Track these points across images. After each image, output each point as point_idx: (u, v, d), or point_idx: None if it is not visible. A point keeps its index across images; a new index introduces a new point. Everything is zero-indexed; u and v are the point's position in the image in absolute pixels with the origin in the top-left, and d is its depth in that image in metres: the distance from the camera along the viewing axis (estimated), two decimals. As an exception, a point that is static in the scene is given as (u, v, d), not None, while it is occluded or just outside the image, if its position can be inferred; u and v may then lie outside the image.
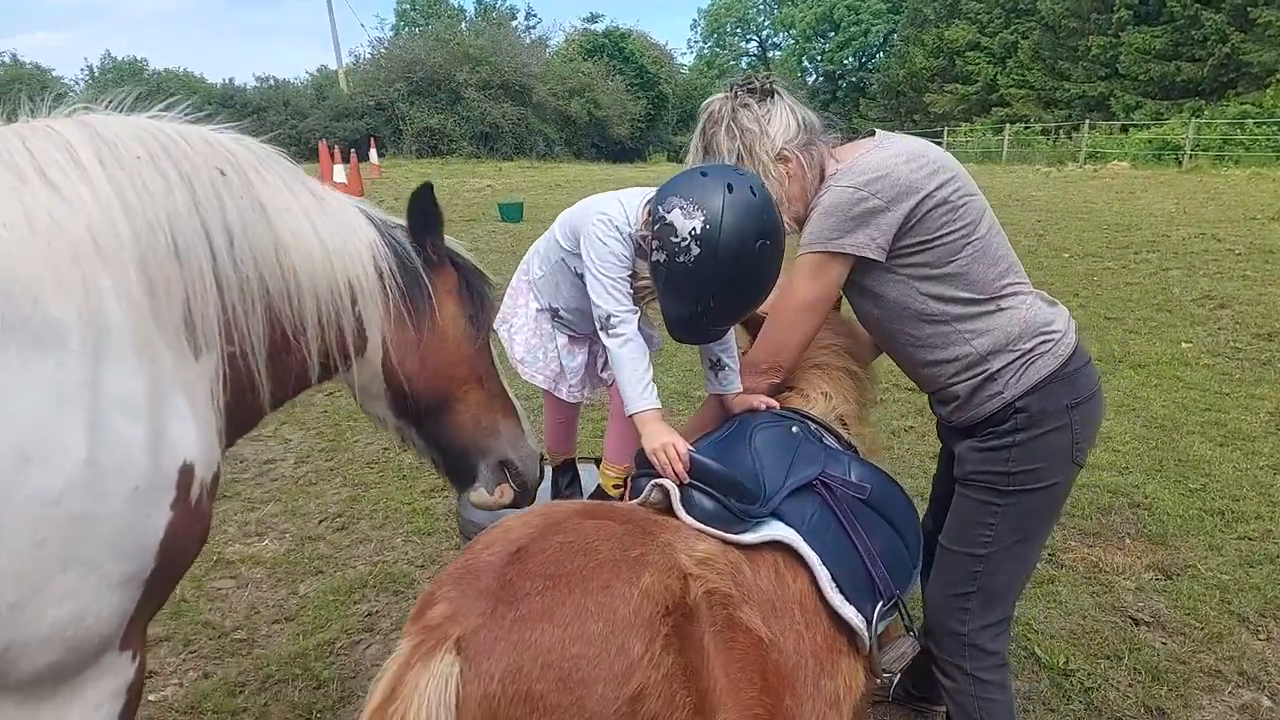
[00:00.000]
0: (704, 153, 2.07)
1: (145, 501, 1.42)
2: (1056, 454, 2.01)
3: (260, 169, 1.72)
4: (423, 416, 2.06)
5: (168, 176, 1.53)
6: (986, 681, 2.13)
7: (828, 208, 1.95)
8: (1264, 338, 6.88)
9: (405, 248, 1.96)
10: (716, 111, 2.05)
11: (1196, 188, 18.52)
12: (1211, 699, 2.84)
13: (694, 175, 1.84)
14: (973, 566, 2.08)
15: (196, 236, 1.54)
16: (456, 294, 2.07)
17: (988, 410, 2.00)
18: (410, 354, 1.96)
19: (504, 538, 1.46)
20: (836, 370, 2.21)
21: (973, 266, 1.97)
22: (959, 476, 2.11)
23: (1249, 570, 3.56)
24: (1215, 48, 28.20)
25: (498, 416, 2.14)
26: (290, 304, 1.71)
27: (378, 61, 38.83)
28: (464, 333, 2.06)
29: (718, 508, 1.66)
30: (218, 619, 3.37)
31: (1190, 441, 4.88)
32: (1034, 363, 1.98)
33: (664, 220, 1.80)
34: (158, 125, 1.62)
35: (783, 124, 2.01)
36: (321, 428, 5.39)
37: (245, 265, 1.62)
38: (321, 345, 1.82)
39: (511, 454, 2.16)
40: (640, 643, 1.33)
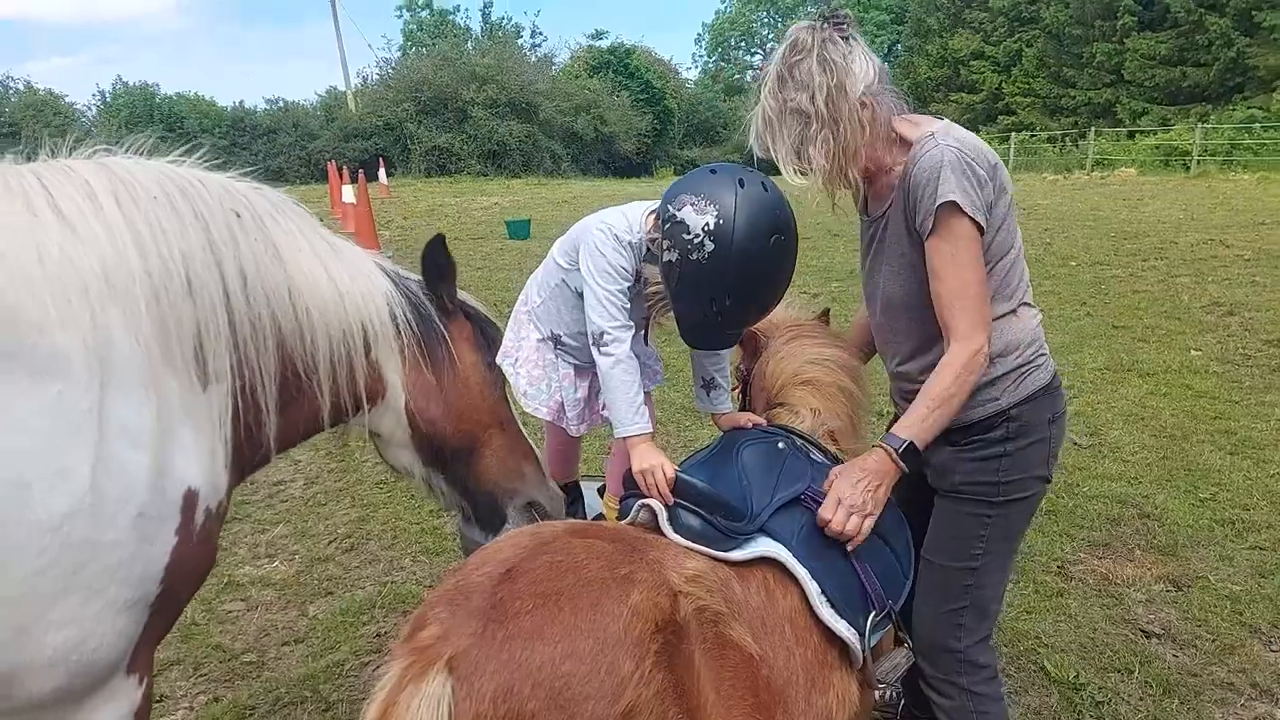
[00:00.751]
0: (780, 83, 1.88)
1: (148, 528, 1.45)
2: (1036, 465, 2.03)
3: (275, 214, 1.79)
4: (450, 462, 2.13)
5: (183, 217, 1.59)
6: (983, 695, 2.11)
7: (949, 162, 1.81)
8: (1274, 344, 6.84)
9: (420, 297, 2.04)
10: (803, 41, 1.86)
11: (1204, 193, 18.44)
12: (1224, 712, 2.82)
13: (703, 173, 1.85)
14: (965, 580, 2.05)
15: (210, 275, 1.60)
16: (473, 342, 2.15)
17: (978, 415, 1.99)
18: (434, 399, 2.03)
19: (495, 558, 1.47)
20: (828, 386, 2.22)
21: (1011, 270, 1.98)
22: (944, 489, 2.08)
23: (1261, 581, 3.53)
24: (1220, 52, 28.14)
25: (521, 459, 2.23)
26: (302, 343, 1.77)
27: (385, 82, 39.20)
28: (484, 379, 2.15)
29: (704, 526, 1.68)
30: (228, 642, 3.38)
31: (1200, 450, 4.85)
32: (1031, 374, 2.00)
33: (675, 218, 1.79)
34: (175, 169, 1.69)
35: (863, 67, 1.85)
36: (331, 449, 5.39)
37: (258, 304, 1.68)
38: (333, 385, 1.86)
39: (538, 495, 2.25)
40: (631, 660, 1.34)
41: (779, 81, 1.88)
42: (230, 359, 1.63)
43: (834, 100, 1.81)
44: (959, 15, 39.96)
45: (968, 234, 1.82)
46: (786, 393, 2.22)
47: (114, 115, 32.73)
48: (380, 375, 1.97)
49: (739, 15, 65.53)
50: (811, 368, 2.24)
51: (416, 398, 2.02)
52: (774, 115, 1.89)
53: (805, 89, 1.83)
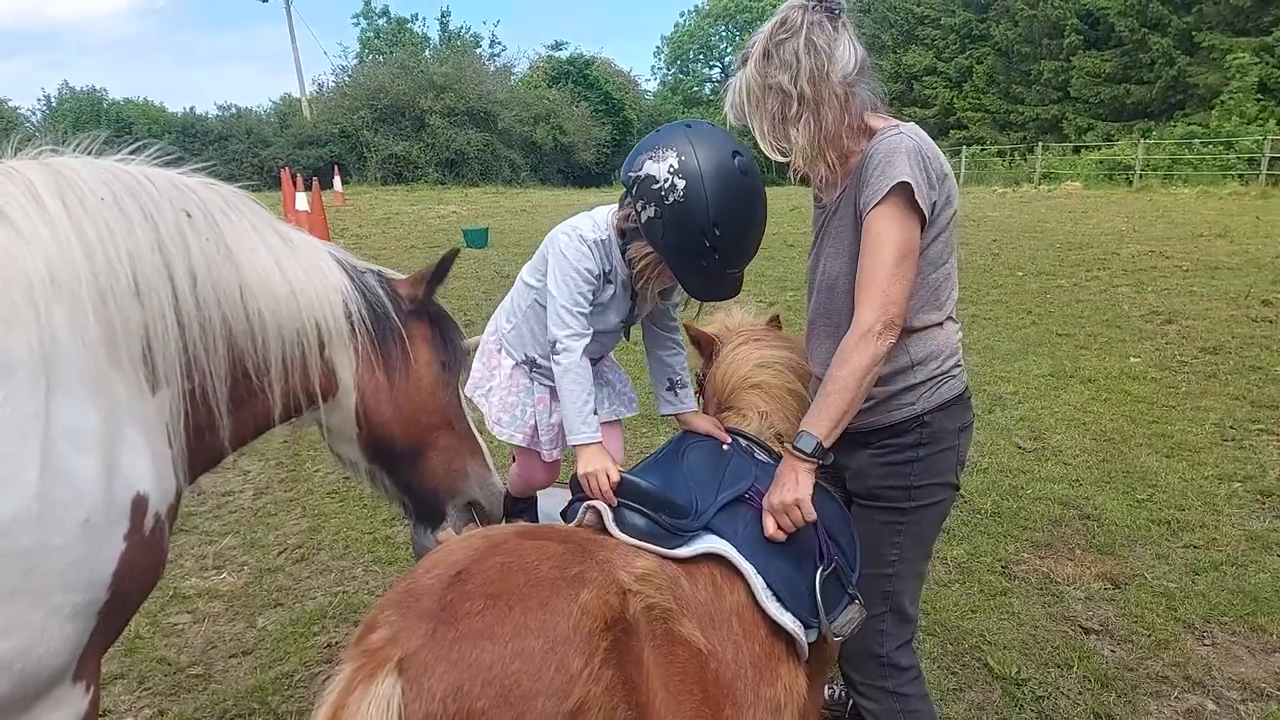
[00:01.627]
0: (765, 57, 1.89)
1: (96, 533, 1.43)
2: (946, 472, 2.09)
3: (228, 211, 1.76)
4: (396, 461, 2.10)
5: (131, 217, 1.57)
6: (909, 695, 2.15)
7: (907, 149, 1.84)
8: (1209, 351, 7.09)
9: (378, 294, 2.00)
10: (793, 20, 1.87)
11: (1146, 206, 19.04)
12: (1159, 704, 2.91)
13: (649, 136, 1.90)
14: (884, 586, 2.09)
15: (158, 276, 1.57)
16: (430, 341, 2.12)
17: (893, 419, 2.04)
18: (384, 400, 2.00)
19: (445, 560, 1.48)
20: (776, 389, 2.25)
21: (944, 283, 2.03)
22: (859, 493, 2.13)
23: (1194, 578, 3.66)
24: (1163, 70, 29.11)
25: (466, 458, 2.20)
26: (253, 343, 1.75)
27: (341, 89, 38.81)
28: (437, 379, 2.11)
29: (650, 525, 1.70)
30: (173, 655, 3.32)
31: (1138, 453, 5.01)
32: (946, 384, 2.06)
33: (640, 177, 1.82)
34: (124, 168, 1.66)
35: (847, 55, 1.87)
36: (281, 458, 5.34)
37: (208, 305, 1.65)
38: (285, 386, 1.84)
39: (479, 494, 2.22)
40: (580, 658, 1.36)
41: (764, 57, 1.89)
42: (179, 361, 1.61)
43: (816, 83, 1.84)
44: (912, 32, 40.81)
45: (906, 217, 1.84)
46: (735, 396, 2.26)
47: (59, 121, 31.97)
48: (333, 373, 1.95)
49: (698, 28, 66.09)
50: (760, 371, 2.27)
51: (367, 397, 1.99)
52: (757, 89, 1.91)
53: (788, 69, 1.85)
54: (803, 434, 1.89)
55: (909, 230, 1.85)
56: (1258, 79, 25.18)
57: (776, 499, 1.86)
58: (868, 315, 1.85)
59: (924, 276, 1.98)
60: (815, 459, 1.87)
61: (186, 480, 1.74)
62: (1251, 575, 3.65)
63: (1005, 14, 35.13)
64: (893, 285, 1.84)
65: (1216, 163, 24.14)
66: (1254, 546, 3.89)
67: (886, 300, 1.84)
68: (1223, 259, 11.23)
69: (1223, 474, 4.70)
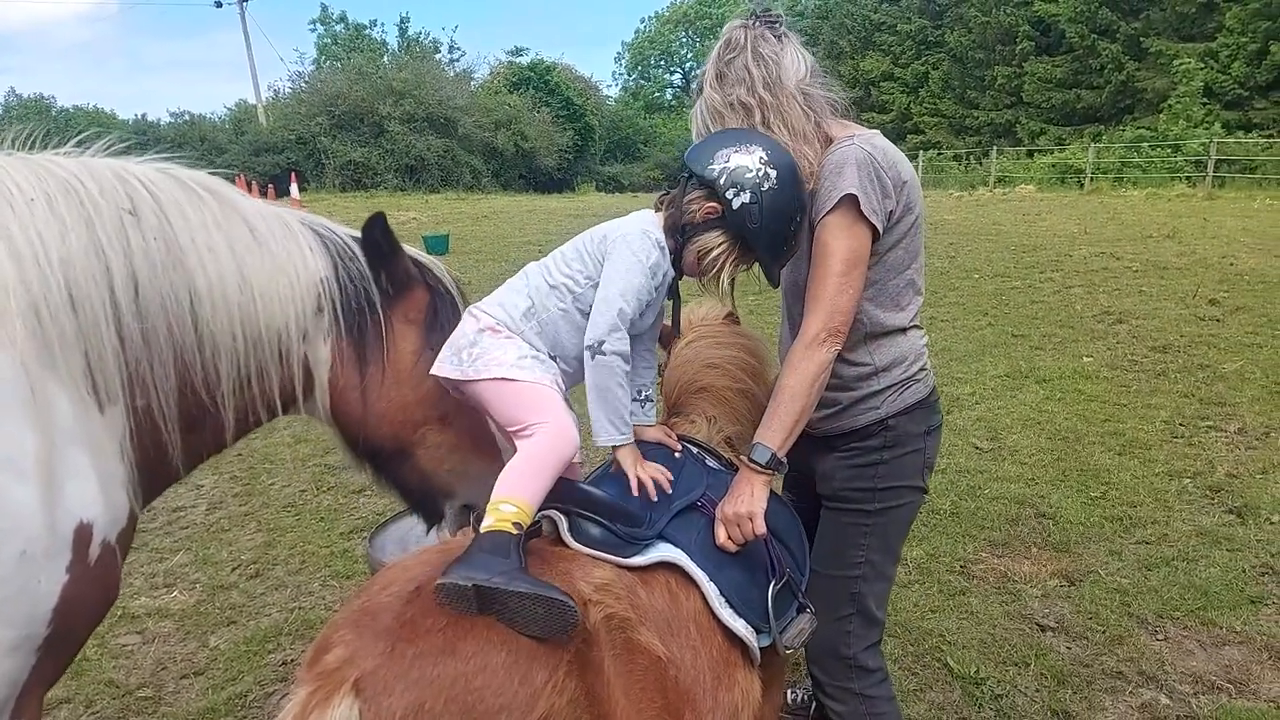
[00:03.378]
0: (719, 79, 1.96)
1: (35, 565, 1.35)
2: (911, 474, 2.11)
3: (185, 205, 1.60)
4: (379, 459, 1.93)
5: (64, 220, 1.44)
6: (875, 698, 2.16)
7: (857, 160, 1.87)
8: (1159, 350, 7.26)
9: (364, 281, 1.80)
10: (737, 40, 1.94)
11: (1097, 208, 19.47)
12: (1114, 700, 2.96)
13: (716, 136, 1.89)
14: (851, 588, 2.11)
15: (94, 284, 1.45)
16: (421, 324, 1.89)
17: (859, 423, 2.06)
18: (353, 396, 1.81)
19: (402, 576, 1.46)
20: (723, 391, 2.21)
21: (906, 288, 2.05)
22: (826, 495, 2.15)
23: (1147, 574, 3.73)
24: (1112, 75, 29.84)
25: (466, 456, 1.96)
26: (202, 355, 1.60)
27: (298, 95, 38.28)
28: (424, 369, 1.86)
29: (604, 533, 1.70)
30: (122, 677, 3.23)
31: (1091, 451, 5.10)
32: (911, 388, 2.08)
33: (729, 168, 1.81)
34: (60, 163, 1.53)
35: (795, 62, 1.94)
36: (235, 472, 5.24)
37: (152, 315, 1.52)
38: (243, 399, 1.69)
39: (477, 497, 1.94)
40: (544, 671, 1.35)
41: (718, 78, 1.95)
42: (121, 376, 1.50)
43: (772, 89, 1.91)
44: (869, 38, 41.40)
45: (853, 227, 1.87)
46: (683, 401, 2.23)
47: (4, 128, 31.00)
48: (308, 374, 1.77)
49: (658, 35, 66.41)
50: (707, 373, 2.24)
51: (335, 395, 1.81)
52: (720, 108, 1.96)
53: (743, 83, 1.91)
54: (757, 445, 1.90)
55: (856, 240, 1.88)
56: (1203, 83, 25.91)
57: (730, 509, 1.85)
58: (814, 324, 1.89)
59: (884, 283, 2.01)
60: (770, 470, 1.88)
61: (141, 501, 1.61)
62: (1201, 570, 3.73)
63: (959, 21, 35.80)
64: (839, 295, 1.87)
65: (1164, 165, 24.79)
66: (1204, 541, 3.98)
67: (833, 309, 1.87)
68: (1171, 259, 11.52)
69: (1173, 470, 4.80)
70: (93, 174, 1.53)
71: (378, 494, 4.83)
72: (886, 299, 2.03)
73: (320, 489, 4.96)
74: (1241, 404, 5.82)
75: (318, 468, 5.27)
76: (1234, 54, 25.90)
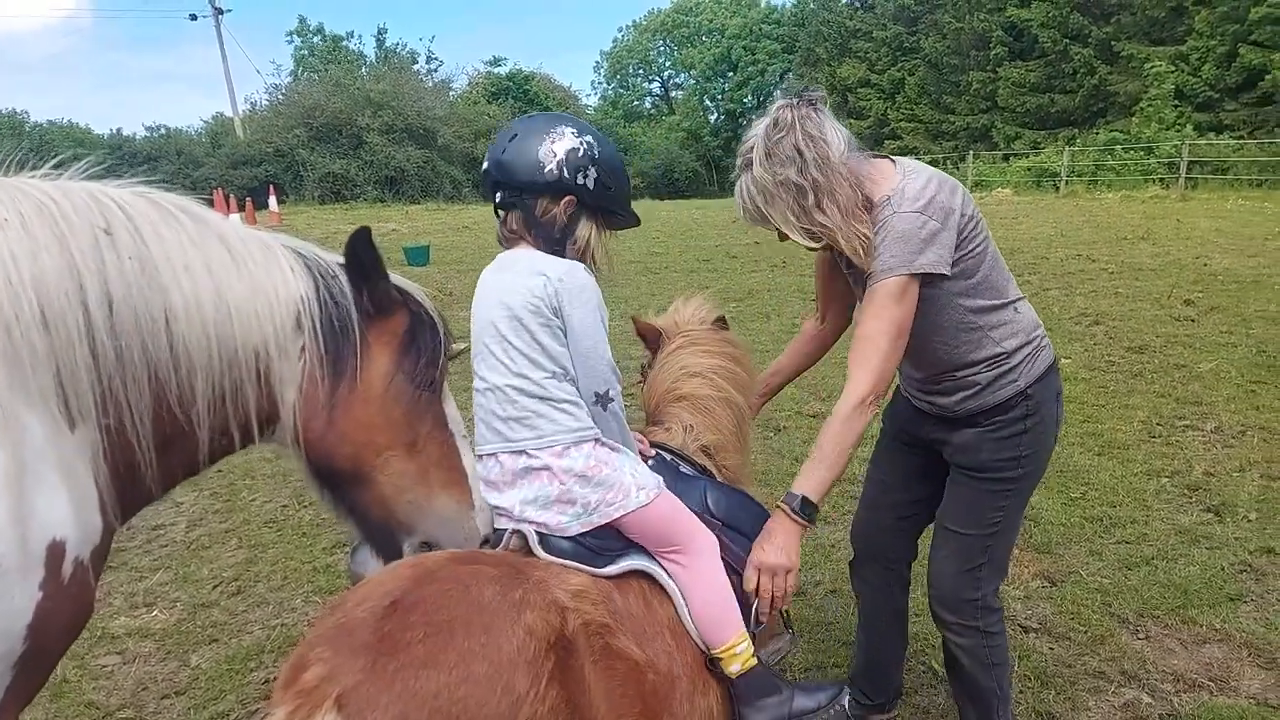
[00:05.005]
0: (768, 157, 2.04)
1: (8, 582, 1.34)
2: (1050, 438, 2.33)
3: (162, 224, 1.59)
4: (336, 483, 1.85)
5: (37, 239, 1.44)
6: (994, 634, 2.44)
7: (901, 234, 2.02)
8: (1135, 350, 7.34)
9: (344, 299, 1.78)
10: (785, 119, 2.04)
11: (1073, 211, 19.70)
12: (1097, 700, 2.99)
13: (511, 146, 1.89)
14: (986, 543, 2.33)
15: (68, 302, 1.44)
16: (396, 346, 1.83)
17: (1000, 397, 2.22)
18: (318, 413, 1.76)
19: (377, 591, 1.45)
20: (705, 399, 2.22)
21: (992, 273, 2.20)
22: (967, 466, 2.32)
23: (1127, 573, 3.77)
24: (1085, 80, 30.23)
25: (431, 490, 1.85)
26: (176, 375, 1.58)
27: (276, 108, 38.14)
28: (395, 393, 1.80)
29: (574, 546, 1.70)
30: (102, 698, 3.19)
31: (1071, 453, 5.15)
32: (1039, 355, 2.26)
33: (561, 160, 1.83)
34: (35, 184, 1.52)
35: (836, 138, 2.05)
36: (216, 488, 5.19)
37: (126, 334, 1.51)
38: (219, 418, 1.67)
39: (438, 535, 1.85)
40: (526, 679, 1.35)
41: (767, 157, 2.04)
42: (94, 395, 1.48)
43: (824, 169, 2.01)
44: (846, 45, 41.76)
45: (900, 300, 2.02)
46: (662, 409, 2.24)
47: (-23, 144, 30.70)
48: (281, 394, 1.73)
49: (636, 44, 66.67)
50: (689, 381, 2.24)
51: (303, 413, 1.76)
52: (770, 187, 2.05)
53: (794, 163, 2.01)
54: (795, 494, 1.98)
55: (904, 308, 2.04)
56: (1174, 86, 26.30)
57: (768, 559, 1.91)
58: (862, 387, 2.02)
59: (982, 279, 2.17)
60: (806, 520, 1.96)
61: (118, 519, 1.60)
62: (1181, 569, 3.77)
63: (934, 27, 36.18)
64: (887, 362, 2.03)
65: (1138, 168, 25.11)
66: (1183, 540, 4.03)
67: (881, 374, 2.03)
68: (1146, 261, 11.67)
69: (1151, 470, 4.86)
70: (67, 195, 1.52)
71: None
72: (988, 290, 2.19)
73: (302, 504, 4.92)
74: (1217, 403, 5.90)
75: (299, 483, 5.22)
76: (1204, 57, 26.33)
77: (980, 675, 2.47)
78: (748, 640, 1.78)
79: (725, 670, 1.77)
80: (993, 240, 2.24)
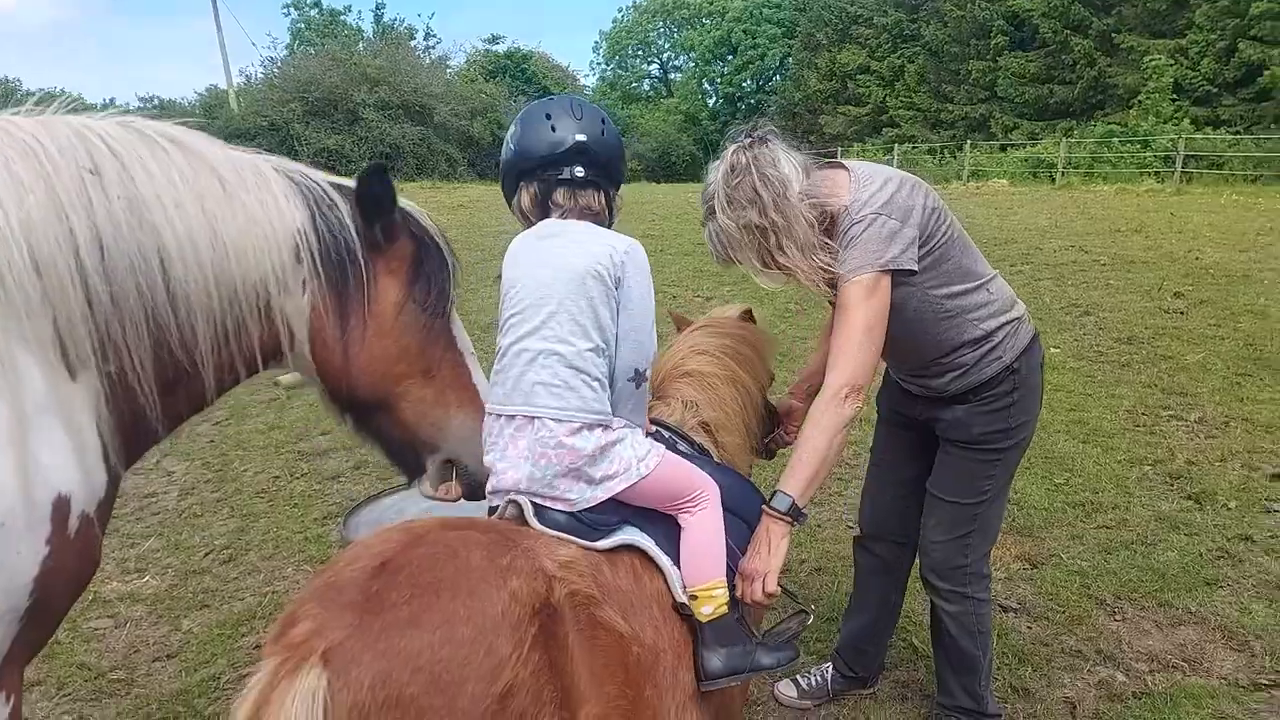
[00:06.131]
0: (729, 203, 2.10)
1: (13, 538, 1.35)
2: (1036, 406, 2.43)
3: (150, 159, 1.55)
4: (360, 412, 1.91)
5: (22, 181, 1.40)
6: (981, 600, 2.53)
7: (861, 238, 2.09)
8: (1124, 341, 7.40)
9: (344, 230, 1.76)
10: (739, 162, 2.09)
11: (1068, 203, 19.72)
12: (1072, 677, 3.05)
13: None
14: (975, 510, 2.43)
15: (58, 247, 1.41)
16: (404, 275, 1.85)
17: (987, 374, 2.31)
18: (335, 348, 1.78)
19: (366, 553, 1.47)
20: (709, 377, 2.23)
21: (963, 259, 2.26)
22: (958, 439, 2.41)
23: (1106, 557, 3.83)
24: (1084, 71, 30.16)
25: (449, 410, 1.92)
26: (176, 316, 1.56)
27: (271, 81, 37.68)
28: (407, 321, 1.83)
29: (570, 520, 1.71)
30: (93, 660, 3.22)
31: (1056, 439, 5.21)
32: (1020, 329, 2.34)
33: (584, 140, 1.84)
34: (17, 123, 1.48)
35: (791, 169, 2.09)
36: (208, 458, 5.21)
37: (120, 277, 1.48)
38: (223, 357, 1.66)
39: (460, 451, 1.95)
40: (509, 643, 1.37)
41: (728, 203, 2.09)
42: (92, 341, 1.46)
43: (781, 208, 2.05)
44: (846, 31, 41.53)
45: (870, 297, 2.07)
46: (665, 385, 2.25)
47: (-32, 111, 30.41)
48: (288, 328, 1.74)
49: (636, 24, 66.14)
50: (695, 358, 2.25)
51: (317, 347, 1.78)
52: (735, 231, 2.10)
53: (754, 205, 2.06)
54: (777, 493, 1.99)
55: (875, 303, 2.08)
56: (1173, 79, 26.24)
57: (748, 564, 1.94)
58: (837, 380, 2.06)
59: (953, 265, 2.23)
60: (790, 519, 1.98)
61: (123, 466, 1.59)
62: (1160, 554, 3.84)
63: (935, 14, 35.98)
64: (861, 353, 2.06)
65: (1134, 161, 25.11)
66: (1162, 526, 4.09)
67: (856, 366, 2.05)
68: (1138, 253, 11.71)
69: (1134, 458, 4.92)
70: (51, 132, 1.48)
71: (351, 480, 4.84)
72: (960, 275, 2.26)
73: (293, 475, 4.95)
74: (1203, 394, 5.96)
75: (291, 454, 5.26)
76: (1203, 50, 26.28)
77: (965, 642, 2.57)
78: (725, 588, 1.80)
79: (696, 612, 1.77)
80: (958, 224, 2.29)
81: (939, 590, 2.55)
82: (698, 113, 58.75)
